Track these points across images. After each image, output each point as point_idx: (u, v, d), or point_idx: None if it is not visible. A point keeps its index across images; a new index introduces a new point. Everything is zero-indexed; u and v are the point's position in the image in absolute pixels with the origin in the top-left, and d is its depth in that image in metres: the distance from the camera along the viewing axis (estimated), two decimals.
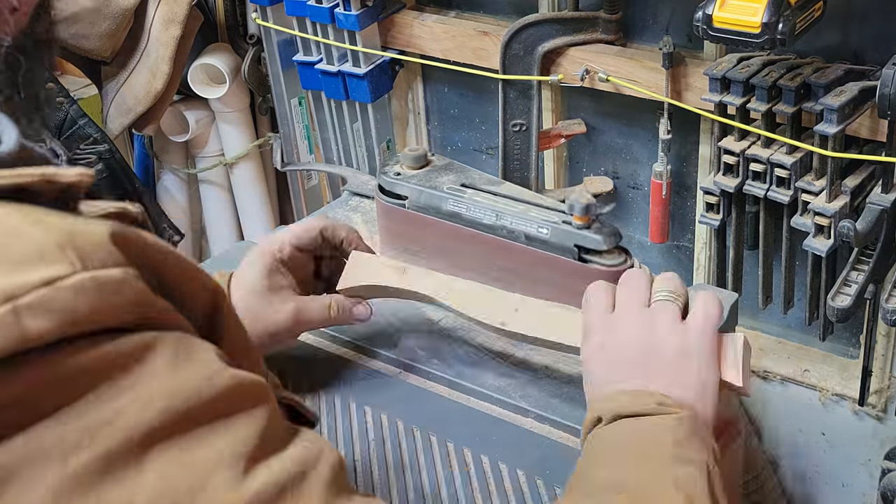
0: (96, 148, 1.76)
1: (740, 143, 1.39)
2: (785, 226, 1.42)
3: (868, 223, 1.29)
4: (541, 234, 1.12)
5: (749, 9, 1.20)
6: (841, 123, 1.26)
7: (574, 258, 1.10)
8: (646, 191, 1.64)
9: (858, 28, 1.36)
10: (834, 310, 1.33)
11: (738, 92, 1.35)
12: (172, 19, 1.77)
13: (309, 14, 1.70)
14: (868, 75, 1.31)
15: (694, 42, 1.48)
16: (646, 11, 1.54)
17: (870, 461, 1.63)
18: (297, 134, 1.96)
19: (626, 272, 0.97)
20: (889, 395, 1.55)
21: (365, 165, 1.84)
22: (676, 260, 1.70)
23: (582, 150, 1.72)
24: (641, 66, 1.48)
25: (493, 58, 1.59)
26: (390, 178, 1.23)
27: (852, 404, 1.58)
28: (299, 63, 1.78)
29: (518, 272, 1.16)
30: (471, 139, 1.85)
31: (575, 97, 1.66)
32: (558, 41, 1.53)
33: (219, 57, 1.93)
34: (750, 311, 1.63)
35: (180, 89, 1.94)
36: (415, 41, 1.71)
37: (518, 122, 1.62)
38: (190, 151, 2.14)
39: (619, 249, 1.10)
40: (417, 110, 1.88)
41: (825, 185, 1.32)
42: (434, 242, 1.21)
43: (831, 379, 1.60)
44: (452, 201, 1.18)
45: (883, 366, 1.52)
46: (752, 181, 1.40)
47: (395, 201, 1.23)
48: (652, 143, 1.60)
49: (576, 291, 1.12)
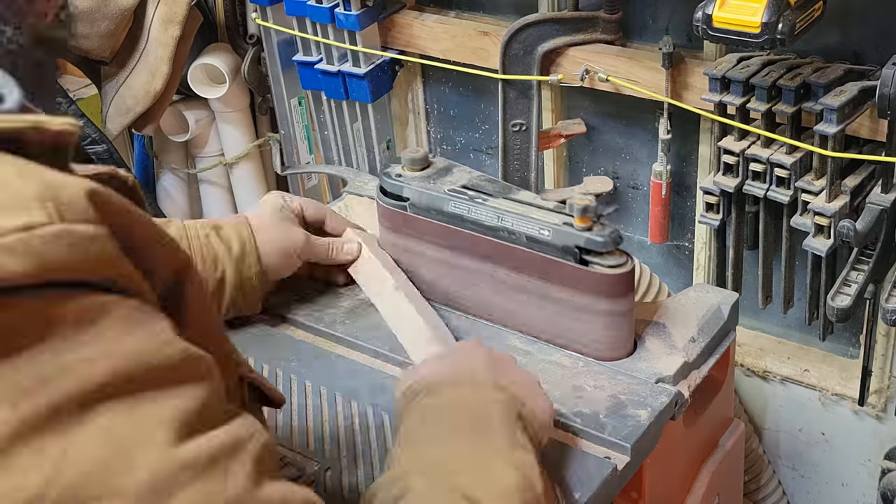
0: (95, 148, 1.76)
1: (740, 143, 1.39)
2: (785, 226, 1.42)
3: (868, 223, 1.29)
4: (542, 235, 1.12)
5: (749, 9, 1.20)
6: (841, 123, 1.26)
7: (575, 260, 1.10)
8: (646, 191, 1.64)
9: (858, 28, 1.36)
10: (834, 310, 1.33)
11: (738, 92, 1.35)
12: (172, 19, 1.76)
13: (309, 14, 1.70)
14: (868, 75, 1.31)
15: (694, 42, 1.48)
16: (646, 11, 1.54)
17: (870, 461, 1.63)
18: (297, 134, 1.95)
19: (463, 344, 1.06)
20: (889, 395, 1.55)
21: (365, 165, 1.84)
22: (676, 260, 1.70)
23: (582, 150, 1.72)
24: (641, 66, 1.48)
25: (493, 58, 1.59)
26: (391, 180, 1.23)
27: (852, 404, 1.58)
28: (299, 63, 1.78)
29: (519, 273, 1.16)
30: (471, 139, 1.85)
31: (575, 97, 1.66)
32: (558, 41, 1.53)
33: (219, 57, 1.93)
34: (750, 311, 1.63)
35: (180, 89, 1.94)
36: (415, 41, 1.71)
37: (518, 122, 1.62)
38: (190, 151, 2.14)
39: (619, 251, 1.10)
40: (417, 110, 1.88)
41: (825, 185, 1.32)
42: (435, 244, 1.22)
43: (831, 379, 1.60)
44: (454, 203, 1.18)
45: (883, 366, 1.52)
46: (751, 181, 1.40)
47: (397, 203, 1.23)
48: (652, 143, 1.60)
49: (577, 292, 1.13)
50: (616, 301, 1.12)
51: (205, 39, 1.95)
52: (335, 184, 1.98)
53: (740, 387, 1.69)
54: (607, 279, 1.10)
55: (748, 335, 1.67)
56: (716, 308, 1.22)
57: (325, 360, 1.20)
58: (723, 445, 1.32)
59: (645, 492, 1.13)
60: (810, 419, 1.66)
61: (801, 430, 1.68)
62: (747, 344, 1.66)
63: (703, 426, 1.26)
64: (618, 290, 1.11)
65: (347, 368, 1.18)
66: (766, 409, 1.70)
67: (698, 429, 1.25)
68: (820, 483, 1.72)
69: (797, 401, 1.65)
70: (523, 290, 1.17)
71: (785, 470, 1.74)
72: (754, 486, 1.71)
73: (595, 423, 1.06)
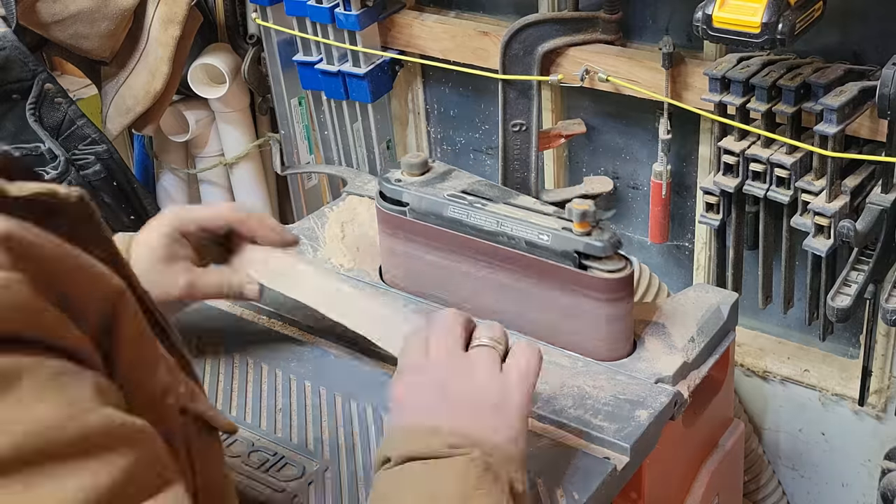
0: (94, 148, 1.75)
1: (740, 143, 1.39)
2: (785, 226, 1.42)
3: (868, 223, 1.29)
4: (541, 240, 1.12)
5: (749, 9, 1.20)
6: (841, 123, 1.26)
7: (574, 264, 1.10)
8: (646, 191, 1.64)
9: (858, 28, 1.36)
10: (834, 310, 1.33)
11: (738, 92, 1.35)
12: (172, 19, 1.76)
13: (309, 14, 1.70)
14: (868, 75, 1.31)
15: (694, 42, 1.47)
16: (646, 11, 1.54)
17: (870, 461, 1.62)
18: (297, 134, 1.95)
19: (440, 314, 0.93)
20: (889, 395, 1.55)
21: (365, 165, 1.84)
22: (676, 260, 1.70)
23: (582, 150, 1.72)
24: (641, 66, 1.48)
25: (493, 58, 1.59)
26: (391, 185, 1.23)
27: (852, 404, 1.58)
28: (299, 63, 1.78)
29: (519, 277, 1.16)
30: (471, 139, 1.85)
31: (575, 97, 1.66)
32: (558, 41, 1.53)
33: (219, 57, 1.93)
34: (750, 311, 1.63)
35: (180, 89, 1.94)
36: (415, 41, 1.71)
37: (518, 122, 1.62)
38: (190, 151, 2.13)
39: (618, 255, 1.10)
40: (417, 110, 1.88)
41: (825, 185, 1.32)
42: (434, 249, 1.22)
43: (831, 379, 1.60)
44: (453, 208, 1.18)
45: (883, 366, 1.52)
46: (752, 181, 1.40)
47: (396, 208, 1.23)
48: (652, 143, 1.60)
49: (576, 296, 1.13)
50: (615, 304, 1.12)
51: (205, 39, 1.95)
52: (335, 184, 1.98)
53: (740, 387, 1.69)
54: (606, 283, 1.10)
55: (748, 335, 1.67)
56: (715, 308, 1.22)
57: (325, 360, 1.20)
58: (722, 445, 1.32)
59: (644, 492, 1.13)
60: (810, 419, 1.66)
61: (801, 430, 1.68)
62: (747, 344, 1.66)
63: (702, 426, 1.26)
64: (617, 294, 1.11)
65: (347, 368, 1.18)
66: (766, 409, 1.70)
67: (698, 429, 1.25)
68: (820, 483, 1.72)
69: (797, 401, 1.65)
70: (523, 294, 1.17)
71: (785, 470, 1.74)
72: (754, 486, 1.71)
73: (594, 424, 1.06)
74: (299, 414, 1.11)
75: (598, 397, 1.10)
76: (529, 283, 1.15)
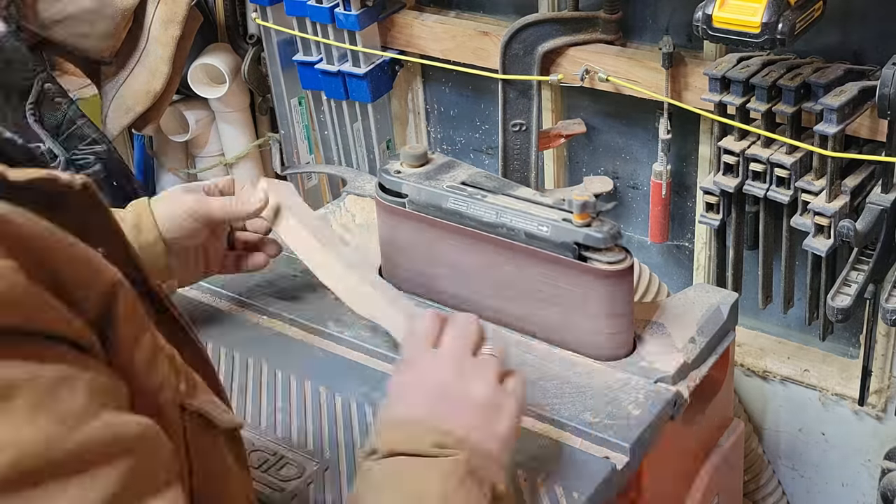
0: (94, 148, 1.75)
1: (740, 143, 1.39)
2: (785, 226, 1.42)
3: (868, 223, 1.29)
4: (541, 231, 1.11)
5: (749, 9, 1.20)
6: (841, 123, 1.26)
7: (574, 256, 1.10)
8: (646, 191, 1.63)
9: (858, 28, 1.36)
10: (834, 310, 1.33)
11: (737, 92, 1.35)
12: (172, 19, 1.76)
13: (309, 14, 1.70)
14: (868, 75, 1.31)
15: (694, 42, 1.47)
16: (646, 11, 1.54)
17: (870, 461, 1.62)
18: (297, 134, 1.95)
19: (457, 316, 0.95)
20: (889, 395, 1.55)
21: (365, 165, 1.84)
22: (676, 260, 1.70)
23: (582, 150, 1.72)
24: (641, 65, 1.48)
25: (493, 58, 1.59)
26: (390, 177, 1.22)
27: (852, 404, 1.58)
28: (299, 63, 1.78)
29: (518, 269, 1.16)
30: (471, 139, 1.85)
31: (575, 97, 1.66)
32: (558, 41, 1.53)
33: (219, 57, 1.93)
34: (750, 311, 1.63)
35: (180, 89, 1.94)
36: (415, 41, 1.71)
37: (518, 122, 1.62)
38: (190, 151, 2.14)
39: (618, 247, 1.10)
40: (417, 110, 1.88)
41: (825, 185, 1.32)
42: (434, 240, 1.21)
43: (831, 379, 1.60)
44: (453, 199, 1.18)
45: (883, 366, 1.52)
46: (752, 181, 1.40)
47: (395, 199, 1.23)
48: (652, 143, 1.60)
49: (576, 288, 1.13)
50: (615, 297, 1.12)
51: (205, 39, 1.95)
52: (335, 184, 1.98)
53: (740, 387, 1.69)
54: (606, 275, 1.10)
55: (748, 335, 1.67)
56: (715, 308, 1.22)
57: (325, 359, 1.20)
58: (722, 445, 1.32)
59: (644, 492, 1.13)
60: (810, 419, 1.66)
61: (801, 430, 1.68)
62: (747, 344, 1.66)
63: (702, 426, 1.26)
64: (617, 286, 1.11)
65: (347, 368, 1.18)
66: (766, 409, 1.70)
67: (698, 429, 1.25)
68: (820, 483, 1.72)
69: (797, 401, 1.65)
70: (522, 286, 1.17)
71: (785, 470, 1.74)
72: (754, 485, 1.71)
73: (594, 423, 1.06)
74: (299, 414, 1.11)
75: (598, 397, 1.10)
76: (529, 274, 1.15)
